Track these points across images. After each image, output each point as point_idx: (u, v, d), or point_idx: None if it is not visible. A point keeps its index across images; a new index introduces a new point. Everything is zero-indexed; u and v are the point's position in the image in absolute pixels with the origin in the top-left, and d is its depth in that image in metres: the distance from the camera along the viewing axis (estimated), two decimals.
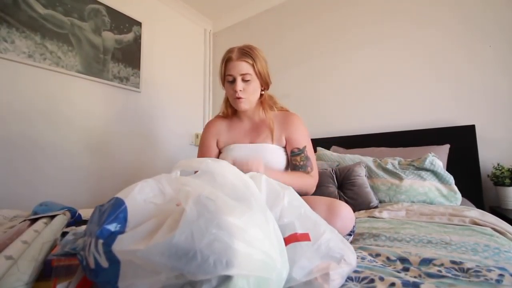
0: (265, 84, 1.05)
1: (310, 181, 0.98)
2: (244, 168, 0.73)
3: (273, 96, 1.12)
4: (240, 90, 0.97)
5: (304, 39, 2.34)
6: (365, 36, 2.02)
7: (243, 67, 0.96)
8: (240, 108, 1.01)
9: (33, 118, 1.61)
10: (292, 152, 1.01)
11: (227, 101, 1.12)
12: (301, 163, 0.99)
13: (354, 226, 0.79)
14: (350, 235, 0.78)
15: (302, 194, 0.82)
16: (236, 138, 1.08)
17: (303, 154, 1.00)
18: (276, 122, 1.04)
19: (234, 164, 0.58)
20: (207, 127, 1.15)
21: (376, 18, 1.98)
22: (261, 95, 1.07)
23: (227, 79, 1.00)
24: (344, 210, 0.76)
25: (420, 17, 1.81)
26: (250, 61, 0.96)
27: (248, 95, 0.99)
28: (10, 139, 1.52)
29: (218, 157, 1.11)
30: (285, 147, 1.05)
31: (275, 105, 1.09)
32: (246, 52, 0.97)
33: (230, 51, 1.00)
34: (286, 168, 1.06)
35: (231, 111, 1.12)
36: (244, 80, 0.97)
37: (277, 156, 1.02)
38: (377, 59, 1.95)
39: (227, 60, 0.99)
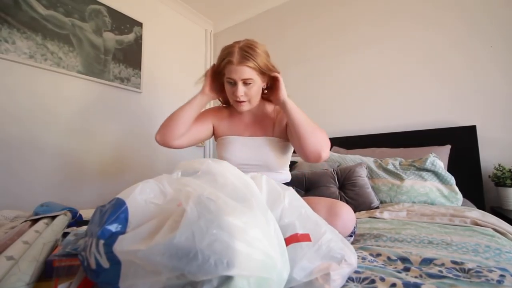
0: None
1: (326, 137, 0.92)
2: None
3: None
4: (242, 95, 0.95)
5: (304, 40, 2.34)
6: (365, 37, 2.02)
7: (245, 72, 0.90)
8: (241, 110, 1.00)
9: (33, 118, 1.61)
10: None
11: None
12: None
13: (355, 227, 0.78)
14: (351, 236, 0.78)
15: (314, 146, 0.88)
16: (235, 130, 1.07)
17: None
18: (280, 114, 1.04)
19: None
20: (210, 109, 1.15)
21: (376, 19, 1.98)
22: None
23: (227, 80, 0.96)
24: (345, 211, 0.76)
25: (421, 18, 1.81)
26: (252, 65, 0.90)
27: (250, 97, 0.97)
28: (10, 140, 1.52)
29: (202, 136, 1.10)
30: (286, 141, 1.03)
31: None
32: (247, 55, 0.90)
33: (230, 53, 0.92)
34: (287, 162, 1.06)
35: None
36: (245, 84, 0.94)
37: (278, 151, 1.01)
38: (378, 60, 1.95)
39: (227, 63, 0.92)
